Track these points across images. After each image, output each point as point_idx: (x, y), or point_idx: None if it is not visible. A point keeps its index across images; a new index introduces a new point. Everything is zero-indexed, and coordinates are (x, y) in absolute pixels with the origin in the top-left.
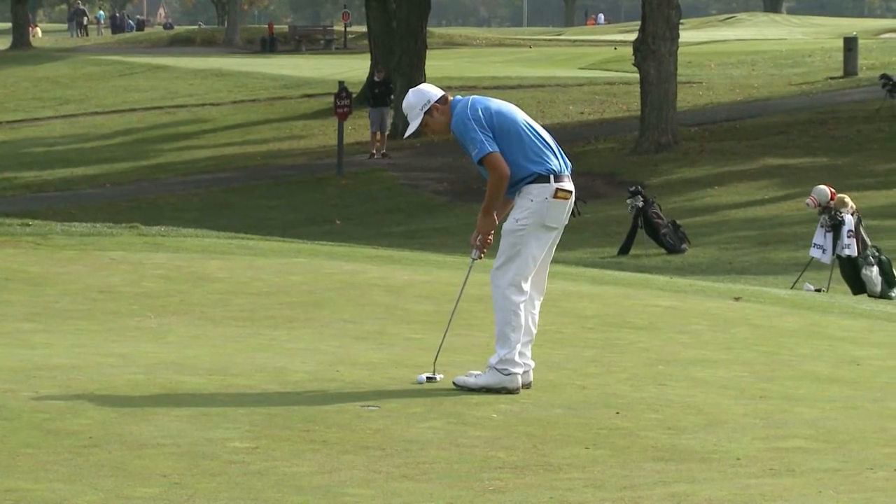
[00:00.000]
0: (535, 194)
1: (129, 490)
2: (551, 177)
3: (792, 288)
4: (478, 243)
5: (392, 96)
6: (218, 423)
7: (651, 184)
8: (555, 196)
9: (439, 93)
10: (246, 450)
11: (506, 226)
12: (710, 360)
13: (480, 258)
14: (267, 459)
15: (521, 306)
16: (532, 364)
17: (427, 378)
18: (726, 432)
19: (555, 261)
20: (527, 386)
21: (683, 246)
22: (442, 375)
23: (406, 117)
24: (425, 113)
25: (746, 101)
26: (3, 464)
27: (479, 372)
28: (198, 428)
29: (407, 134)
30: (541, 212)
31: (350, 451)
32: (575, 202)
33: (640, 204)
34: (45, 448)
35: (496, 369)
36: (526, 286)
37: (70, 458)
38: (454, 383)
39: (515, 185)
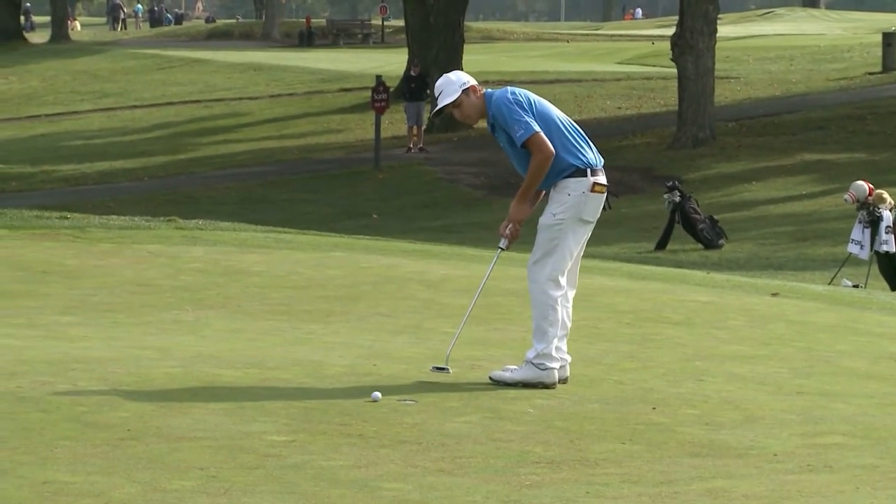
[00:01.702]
0: (572, 188)
1: (167, 483)
2: (588, 171)
3: (830, 284)
4: (507, 232)
5: (428, 91)
6: (255, 417)
7: (688, 179)
8: (592, 190)
9: (476, 81)
10: (283, 443)
11: (543, 220)
12: (747, 355)
13: (507, 248)
14: (304, 453)
15: (559, 300)
16: (568, 358)
17: (436, 369)
18: (764, 428)
19: (591, 255)
20: (563, 381)
21: (721, 241)
22: (451, 371)
23: (439, 95)
24: (463, 91)
25: (784, 97)
26: (41, 456)
27: (515, 366)
28: (235, 421)
29: (439, 106)
30: (578, 206)
31: (387, 445)
32: (606, 196)
33: (678, 199)
34: (82, 440)
35: (533, 364)
36: (563, 280)
37: (108, 450)
38: (490, 378)
39: (552, 177)
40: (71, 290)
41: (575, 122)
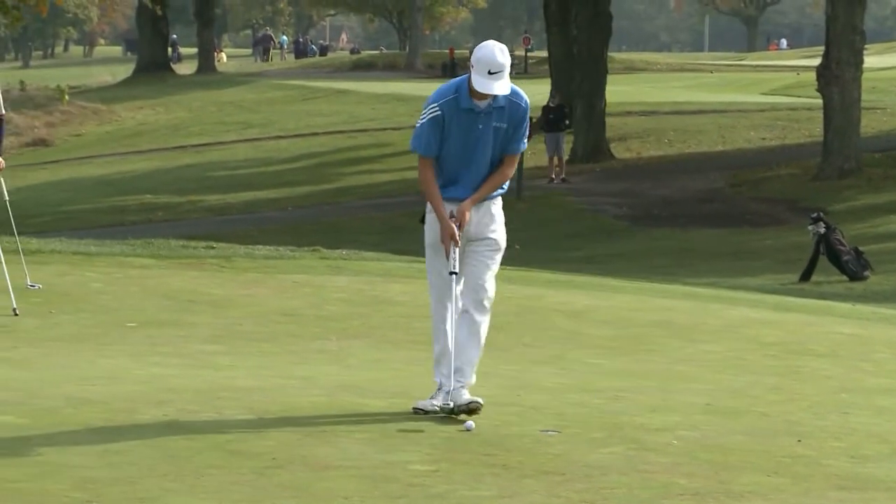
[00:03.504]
0: (500, 207)
1: None
2: None
3: None
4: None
5: (567, 121)
6: (399, 446)
7: (833, 210)
8: None
9: None
10: (426, 472)
11: (502, 237)
12: (894, 388)
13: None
14: (447, 482)
15: None
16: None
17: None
18: None
19: (736, 287)
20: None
21: (866, 273)
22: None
23: (497, 73)
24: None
25: None
26: (189, 483)
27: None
28: (379, 450)
29: (496, 93)
30: None
31: (530, 476)
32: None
33: (822, 230)
34: (228, 468)
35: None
36: None
37: (253, 478)
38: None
39: (498, 191)
40: (217, 320)
41: (719, 152)
